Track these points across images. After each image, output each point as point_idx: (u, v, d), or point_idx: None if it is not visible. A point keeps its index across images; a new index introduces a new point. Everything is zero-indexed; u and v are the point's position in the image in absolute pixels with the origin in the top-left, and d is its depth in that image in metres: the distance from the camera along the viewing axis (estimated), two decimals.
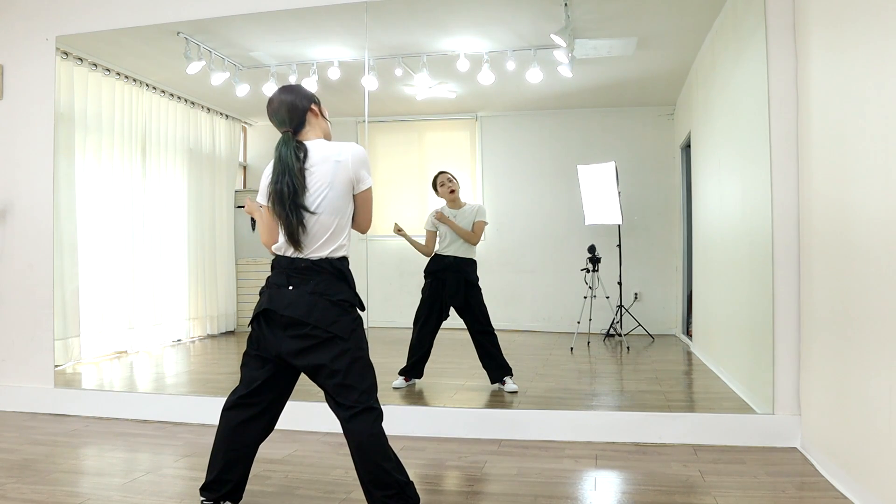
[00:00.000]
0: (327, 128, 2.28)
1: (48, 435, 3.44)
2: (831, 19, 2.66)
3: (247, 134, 6.07)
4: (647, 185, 5.07)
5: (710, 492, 2.53)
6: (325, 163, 2.12)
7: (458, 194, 4.13)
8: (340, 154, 2.14)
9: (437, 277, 4.06)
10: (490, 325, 4.01)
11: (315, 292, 2.11)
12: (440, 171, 4.18)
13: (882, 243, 2.19)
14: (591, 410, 3.50)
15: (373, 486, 2.09)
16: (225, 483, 2.25)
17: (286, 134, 2.18)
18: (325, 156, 2.14)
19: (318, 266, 2.13)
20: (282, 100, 2.20)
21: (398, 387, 3.94)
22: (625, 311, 4.82)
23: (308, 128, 2.21)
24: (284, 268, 2.16)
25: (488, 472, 2.81)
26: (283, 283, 2.15)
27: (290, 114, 2.18)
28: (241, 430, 2.24)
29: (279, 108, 2.19)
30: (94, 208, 4.62)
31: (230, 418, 2.25)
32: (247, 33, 4.30)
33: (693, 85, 4.75)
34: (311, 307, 2.10)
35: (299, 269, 2.14)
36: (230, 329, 5.85)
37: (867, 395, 2.30)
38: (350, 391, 2.11)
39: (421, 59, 4.51)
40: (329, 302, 2.12)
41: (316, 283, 2.12)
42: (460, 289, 4.01)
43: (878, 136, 2.22)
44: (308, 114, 2.21)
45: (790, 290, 3.08)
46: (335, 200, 2.13)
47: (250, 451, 2.27)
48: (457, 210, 4.11)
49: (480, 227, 4.11)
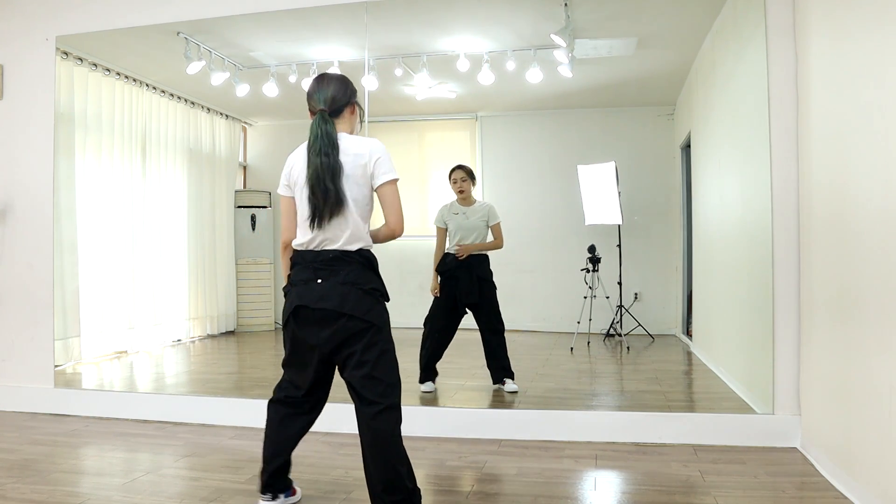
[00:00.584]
0: (355, 127, 2.29)
1: (48, 435, 3.44)
2: (831, 19, 2.66)
3: (247, 134, 6.07)
4: (647, 185, 5.07)
5: (710, 492, 2.53)
6: (346, 154, 2.12)
7: (468, 193, 4.09)
8: (361, 147, 2.15)
9: (451, 276, 4.00)
10: (501, 323, 3.97)
11: (346, 282, 2.09)
12: (457, 165, 4.12)
13: (882, 244, 2.19)
14: (591, 410, 3.50)
15: (382, 488, 2.07)
16: (265, 473, 2.30)
17: (323, 113, 2.16)
18: (345, 147, 2.13)
19: (348, 256, 2.12)
20: (334, 81, 2.21)
21: (429, 391, 3.93)
22: (625, 311, 4.82)
23: (341, 119, 2.22)
24: (310, 262, 2.14)
25: (488, 472, 2.81)
26: (311, 278, 2.12)
27: (334, 99, 2.18)
28: (286, 423, 2.29)
29: (327, 86, 2.19)
30: (94, 208, 4.62)
31: (277, 411, 2.30)
32: (247, 33, 4.30)
33: (693, 85, 4.75)
34: (344, 297, 2.08)
35: (326, 260, 2.12)
36: (230, 329, 5.85)
37: (867, 395, 2.30)
38: (376, 384, 2.09)
39: (421, 59, 4.51)
40: (361, 291, 2.10)
41: (346, 274, 2.10)
42: (474, 286, 3.96)
43: (878, 136, 2.22)
44: (347, 107, 2.23)
45: (790, 290, 3.08)
46: (357, 192, 2.12)
47: (292, 443, 2.32)
48: (467, 207, 4.07)
49: (498, 229, 4.06)
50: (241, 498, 2.52)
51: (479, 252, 4.02)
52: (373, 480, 2.10)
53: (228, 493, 2.57)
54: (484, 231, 4.05)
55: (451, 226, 4.05)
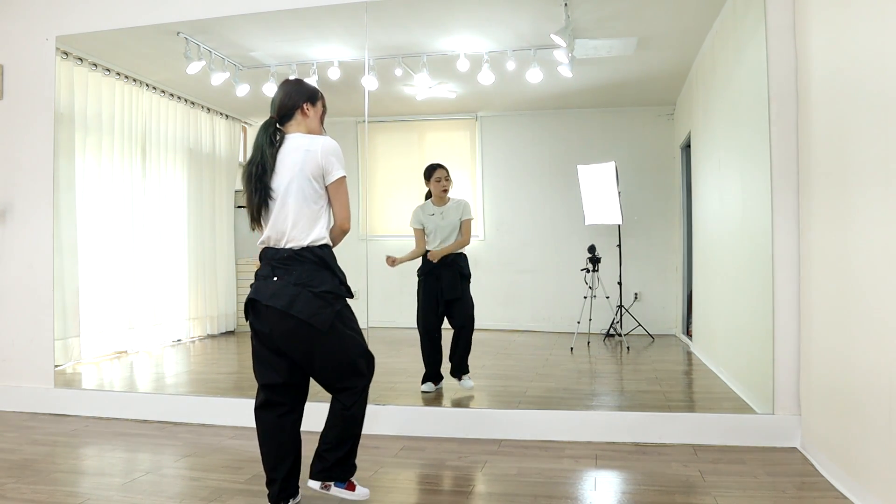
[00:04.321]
0: (315, 127, 2.34)
1: (48, 435, 3.44)
2: (831, 19, 2.66)
3: (247, 134, 6.06)
4: (647, 185, 5.07)
5: (710, 492, 2.53)
6: (297, 151, 2.22)
7: (448, 191, 4.07)
8: (312, 144, 2.23)
9: (432, 275, 4.01)
10: (472, 319, 3.99)
11: (298, 283, 2.16)
12: (438, 164, 4.09)
13: (882, 243, 2.19)
14: (591, 410, 3.50)
15: (325, 449, 2.28)
16: (272, 483, 2.30)
17: (270, 119, 2.29)
18: (298, 145, 2.23)
19: (301, 255, 2.19)
20: (282, 87, 2.34)
21: (428, 391, 3.92)
22: (625, 311, 4.82)
23: (293, 122, 2.31)
24: (269, 259, 2.23)
25: (488, 472, 2.81)
26: (269, 275, 2.21)
27: (280, 104, 2.30)
28: (277, 428, 2.29)
29: (277, 93, 2.33)
30: (94, 208, 4.61)
31: (263, 419, 2.31)
32: (247, 33, 4.30)
33: (693, 85, 4.75)
34: (293, 298, 2.15)
35: (282, 259, 2.20)
36: (230, 329, 5.84)
37: (867, 395, 2.30)
38: (326, 383, 2.26)
39: (421, 59, 4.51)
40: (311, 294, 2.16)
41: (299, 274, 2.18)
42: (456, 283, 3.98)
43: (878, 136, 2.22)
44: (297, 111, 2.30)
45: (790, 289, 3.08)
46: (305, 188, 2.19)
47: (293, 446, 2.32)
48: (442, 207, 4.05)
49: (468, 226, 4.04)
50: (241, 498, 2.52)
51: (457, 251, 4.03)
52: (325, 440, 2.29)
53: (228, 493, 2.57)
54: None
55: (429, 226, 4.04)
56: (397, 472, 2.83)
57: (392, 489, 2.61)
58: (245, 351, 5.63)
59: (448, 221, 4.02)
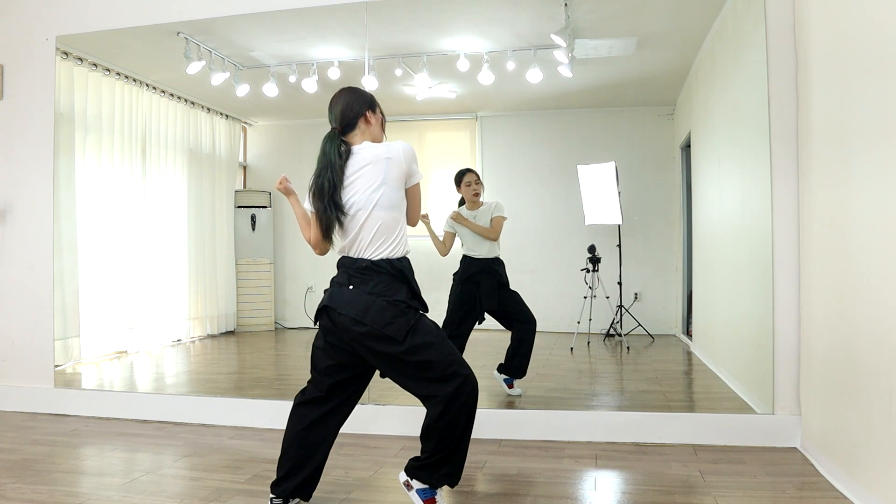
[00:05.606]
0: (378, 135, 2.32)
1: (48, 435, 3.44)
2: (831, 19, 2.66)
3: (247, 134, 6.06)
4: (647, 185, 5.06)
5: (710, 492, 2.53)
6: (378, 162, 2.18)
7: (480, 195, 4.04)
8: (390, 151, 2.20)
9: (472, 281, 3.92)
10: (530, 315, 3.91)
11: (373, 293, 2.15)
12: (467, 168, 4.08)
13: (882, 243, 2.19)
14: (591, 410, 3.50)
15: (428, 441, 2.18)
16: (290, 478, 2.27)
17: (333, 131, 2.25)
18: (376, 155, 2.19)
19: (378, 266, 2.17)
20: (342, 96, 2.29)
21: None
22: (625, 311, 4.82)
23: (357, 132, 2.27)
24: (346, 267, 2.22)
25: (488, 472, 2.81)
26: (345, 283, 2.20)
27: (342, 114, 2.26)
28: (312, 429, 2.27)
29: (334, 105, 2.28)
30: (94, 208, 4.61)
31: (302, 416, 2.29)
32: (247, 33, 4.30)
33: (693, 85, 4.75)
34: (367, 307, 2.13)
35: (360, 269, 2.18)
36: (230, 329, 5.85)
37: (867, 395, 2.30)
38: (410, 389, 2.19)
39: (421, 59, 4.50)
40: (386, 302, 2.14)
41: (375, 284, 2.16)
42: (494, 292, 3.91)
43: (878, 135, 2.22)
44: (360, 119, 2.27)
45: (790, 289, 3.08)
46: (392, 196, 2.19)
47: (323, 449, 2.30)
48: (476, 211, 4.02)
49: (499, 222, 3.99)
50: (241, 498, 2.52)
51: (495, 256, 3.96)
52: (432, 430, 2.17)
53: (228, 493, 2.57)
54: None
55: (462, 230, 4.00)
56: (398, 472, 2.83)
57: (392, 489, 2.61)
58: (245, 351, 5.65)
59: (481, 224, 3.99)
